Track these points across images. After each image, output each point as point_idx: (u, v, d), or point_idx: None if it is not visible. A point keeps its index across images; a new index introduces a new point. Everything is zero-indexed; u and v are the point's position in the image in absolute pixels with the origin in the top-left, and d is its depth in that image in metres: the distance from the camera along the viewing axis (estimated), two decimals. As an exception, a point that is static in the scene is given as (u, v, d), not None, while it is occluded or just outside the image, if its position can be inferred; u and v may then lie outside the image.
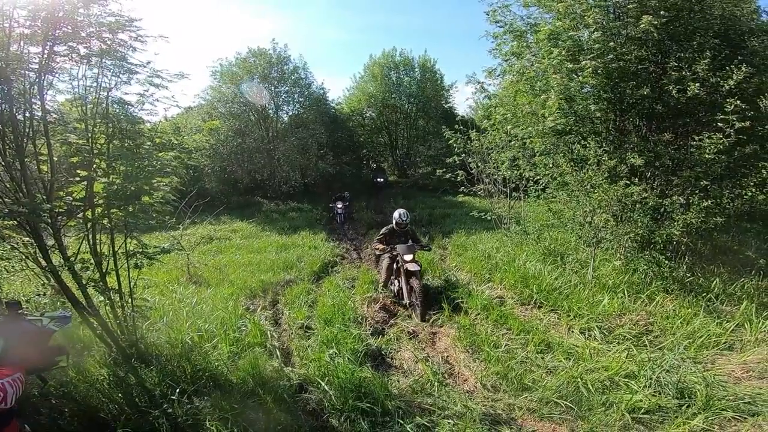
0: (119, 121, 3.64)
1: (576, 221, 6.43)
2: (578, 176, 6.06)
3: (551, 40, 6.39)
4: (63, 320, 1.99)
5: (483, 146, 8.97)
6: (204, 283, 6.75)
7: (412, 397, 3.58)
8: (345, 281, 7.07)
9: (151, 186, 3.81)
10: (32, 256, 3.45)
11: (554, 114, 6.44)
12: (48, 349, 1.85)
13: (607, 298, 5.08)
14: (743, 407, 3.18)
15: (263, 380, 3.57)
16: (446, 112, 20.92)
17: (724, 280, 5.39)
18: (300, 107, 19.14)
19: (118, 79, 3.63)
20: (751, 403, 3.23)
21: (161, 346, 3.87)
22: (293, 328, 5.13)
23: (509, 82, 7.68)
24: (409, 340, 4.88)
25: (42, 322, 1.85)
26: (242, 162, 17.24)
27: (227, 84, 17.97)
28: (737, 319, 4.49)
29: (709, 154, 5.22)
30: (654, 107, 5.93)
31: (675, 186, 5.73)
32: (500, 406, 3.49)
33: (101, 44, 3.42)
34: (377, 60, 21.03)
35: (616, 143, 6.27)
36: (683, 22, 5.84)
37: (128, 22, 3.43)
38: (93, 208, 3.59)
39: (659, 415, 3.20)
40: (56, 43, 3.21)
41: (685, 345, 4.09)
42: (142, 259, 3.86)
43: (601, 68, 5.80)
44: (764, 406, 3.19)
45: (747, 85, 5.34)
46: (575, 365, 3.81)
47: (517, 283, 5.87)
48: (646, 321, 4.67)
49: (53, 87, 3.42)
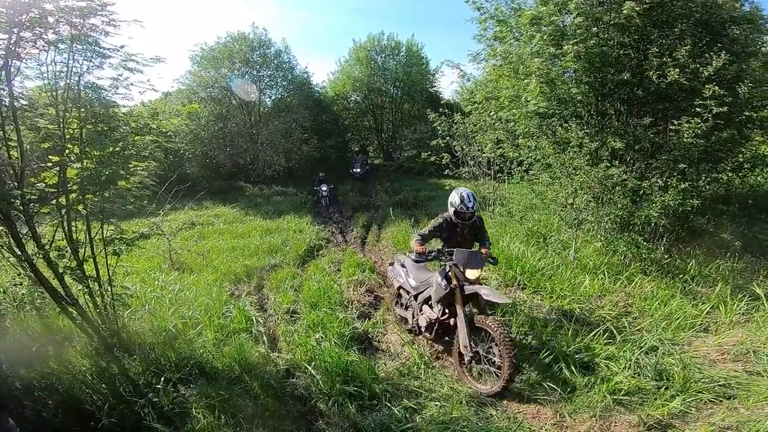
0: (92, 106, 3.52)
1: (558, 203, 6.52)
2: (560, 158, 6.11)
3: (534, 24, 6.37)
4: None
5: (467, 128, 8.97)
6: (187, 269, 6.66)
7: (399, 380, 3.63)
8: (331, 264, 7.06)
9: (128, 170, 3.71)
10: (6, 245, 3.33)
11: (536, 98, 6.47)
12: None
13: (588, 279, 5.20)
14: (719, 390, 3.29)
15: (250, 366, 3.56)
16: (432, 96, 20.87)
17: (700, 261, 5.55)
18: (283, 91, 18.98)
19: (90, 63, 3.50)
20: (726, 386, 3.33)
21: (144, 335, 3.82)
22: (279, 313, 5.12)
23: (493, 67, 7.65)
24: (395, 324, 4.91)
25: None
26: (224, 146, 17.02)
27: (207, 69, 17.70)
28: (712, 301, 4.62)
29: (687, 138, 5.31)
30: (635, 92, 6.01)
31: (654, 169, 5.84)
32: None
33: (71, 29, 3.28)
34: (363, 44, 20.82)
35: (597, 126, 6.34)
36: (666, 9, 5.86)
37: (100, 6, 3.28)
38: (67, 194, 3.48)
39: (639, 396, 3.29)
40: (23, 29, 3.06)
41: (662, 326, 4.21)
42: (121, 245, 3.78)
43: (583, 53, 5.81)
44: (739, 388, 3.30)
45: (726, 72, 5.40)
46: (559, 347, 3.89)
47: (501, 264, 5.94)
48: (625, 302, 4.80)
49: (21, 73, 3.28)
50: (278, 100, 18.82)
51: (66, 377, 3.15)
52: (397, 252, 7.19)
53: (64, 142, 3.33)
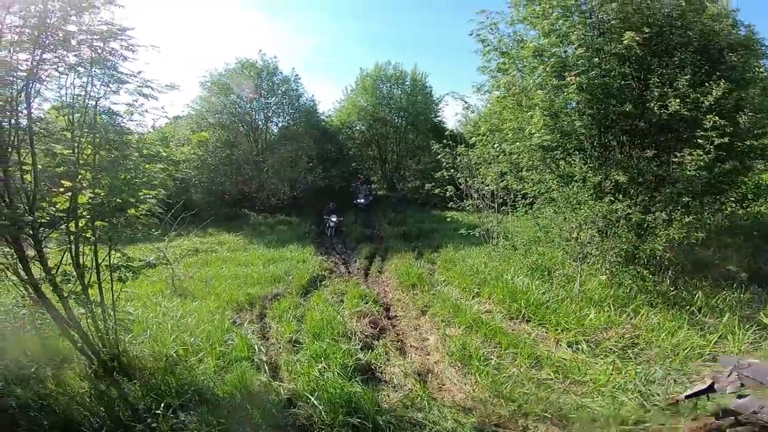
0: (107, 132, 3.60)
1: (563, 237, 6.51)
2: (564, 192, 6.15)
3: (537, 56, 6.54)
4: None
5: (471, 161, 9.08)
6: (189, 296, 6.62)
7: (403, 412, 3.54)
8: (334, 295, 7.00)
9: (138, 198, 3.76)
10: (12, 267, 3.35)
11: (540, 131, 6.55)
12: None
13: (594, 311, 5.13)
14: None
15: (251, 395, 3.51)
16: (436, 126, 20.96)
17: (707, 293, 5.48)
18: (290, 119, 19.14)
19: (108, 88, 3.59)
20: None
21: (145, 360, 3.78)
22: (281, 342, 5.06)
23: (496, 98, 7.82)
24: (399, 355, 4.84)
25: None
26: (230, 174, 17.10)
27: (217, 94, 17.92)
28: (720, 331, 4.57)
29: (690, 170, 5.35)
30: (637, 124, 6.08)
31: (658, 202, 5.85)
32: (491, 420, 3.46)
33: (92, 53, 3.38)
34: (369, 72, 21.12)
35: (600, 159, 6.40)
36: (665, 38, 6.01)
37: (120, 30, 3.41)
38: (77, 220, 3.52)
39: (645, 427, 3.20)
40: (45, 50, 3.17)
41: (670, 357, 4.14)
42: (127, 272, 3.79)
43: (585, 84, 5.92)
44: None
45: (726, 101, 5.49)
46: (564, 379, 3.81)
47: (505, 297, 5.89)
48: (632, 334, 4.72)
49: (40, 95, 3.39)
50: (284, 128, 18.98)
51: (63, 399, 3.11)
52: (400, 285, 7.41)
53: (77, 167, 3.38)
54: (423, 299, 6.52)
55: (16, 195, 3.22)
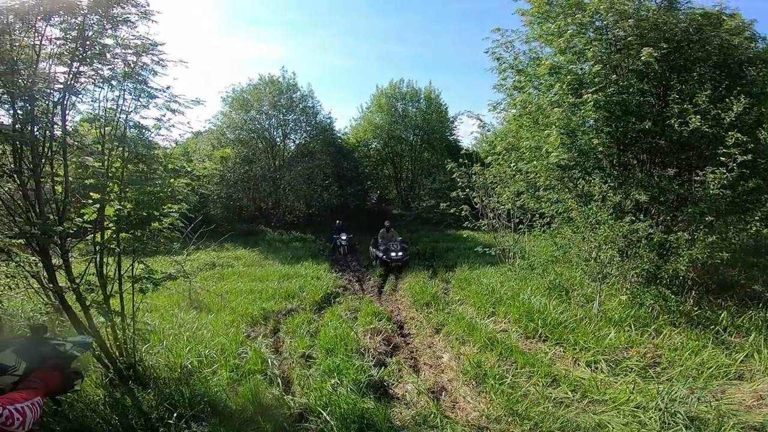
0: (135, 146, 3.70)
1: (581, 257, 6.39)
2: (583, 212, 6.05)
3: (553, 74, 6.53)
4: (84, 346, 1.99)
5: (487, 180, 9.05)
6: (205, 308, 6.70)
7: (416, 430, 3.49)
8: (347, 312, 6.98)
9: (162, 212, 3.84)
10: (37, 275, 3.45)
11: (557, 149, 6.49)
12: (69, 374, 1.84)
13: (614, 331, 5.00)
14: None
15: (263, 408, 3.50)
16: (451, 145, 21.00)
17: (732, 312, 5.33)
18: (307, 136, 19.32)
19: (138, 102, 3.68)
20: (761, 431, 3.19)
21: (160, 370, 3.83)
22: (294, 356, 5.05)
23: (513, 117, 7.82)
24: (412, 372, 4.78)
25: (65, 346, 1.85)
26: (248, 190, 17.34)
27: (237, 110, 18.23)
28: (746, 350, 4.44)
29: (713, 189, 5.23)
30: (657, 141, 5.97)
31: (680, 221, 5.73)
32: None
33: (125, 66, 3.49)
34: (384, 90, 21.28)
35: (620, 178, 6.29)
36: (683, 54, 5.93)
37: (152, 45, 3.51)
38: (103, 231, 3.62)
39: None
40: (82, 63, 3.26)
41: (694, 376, 4.03)
42: (148, 284, 3.86)
43: (602, 101, 5.86)
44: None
45: (747, 117, 5.39)
46: (582, 398, 3.70)
47: (521, 317, 5.79)
48: (654, 353, 4.59)
49: (75, 108, 3.47)
50: (301, 145, 19.14)
51: (78, 405, 3.14)
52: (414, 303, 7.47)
53: (106, 180, 3.48)
54: (437, 318, 6.45)
55: (46, 205, 3.31)
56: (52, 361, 1.74)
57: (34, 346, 1.74)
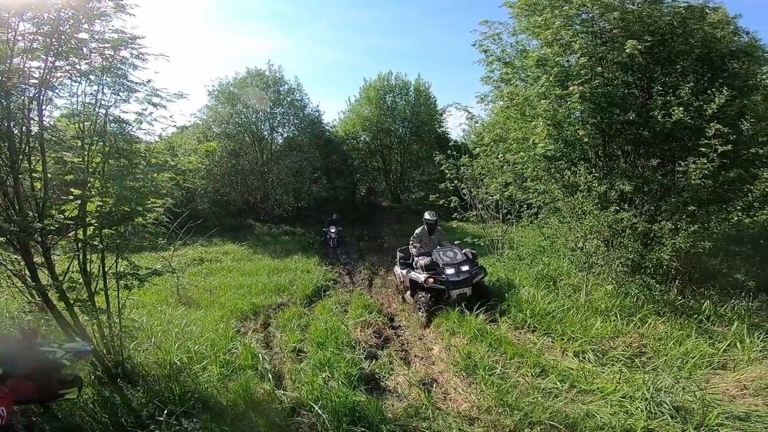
0: (116, 140, 3.64)
1: (568, 247, 6.47)
2: (569, 202, 6.12)
3: (539, 66, 6.56)
4: (80, 354, 1.94)
5: (475, 171, 9.09)
6: (194, 304, 6.64)
7: (407, 422, 3.50)
8: (338, 305, 6.99)
9: (145, 207, 3.79)
10: (19, 274, 3.38)
11: (544, 140, 6.54)
12: (53, 382, 1.79)
13: (600, 321, 5.08)
14: (739, 424, 3.18)
15: (255, 403, 3.49)
16: (440, 137, 21.14)
17: (715, 302, 5.44)
18: (295, 129, 19.18)
19: (118, 96, 3.63)
20: (745, 420, 3.24)
21: (149, 367, 3.79)
22: (285, 351, 5.04)
23: (500, 108, 7.85)
24: (403, 364, 4.80)
25: (56, 354, 1.80)
26: (236, 184, 17.17)
27: (223, 104, 18.00)
28: (729, 339, 4.52)
29: (695, 179, 5.32)
30: (641, 133, 6.06)
31: (663, 211, 5.82)
32: (497, 429, 3.42)
33: (103, 61, 3.43)
34: (373, 83, 21.25)
35: (605, 169, 6.38)
36: (667, 47, 5.99)
37: (131, 39, 3.45)
38: (85, 227, 3.55)
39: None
40: (58, 57, 3.20)
41: (678, 365, 4.10)
42: (133, 280, 3.81)
43: (588, 93, 5.91)
44: (759, 422, 3.20)
45: (729, 108, 5.46)
46: (570, 388, 3.77)
47: (510, 307, 5.85)
48: (639, 343, 4.67)
49: (52, 102, 3.40)
50: (289, 138, 18.99)
51: (66, 404, 3.10)
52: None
53: (87, 175, 3.42)
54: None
55: (25, 202, 3.25)
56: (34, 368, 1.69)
57: (20, 352, 1.69)
